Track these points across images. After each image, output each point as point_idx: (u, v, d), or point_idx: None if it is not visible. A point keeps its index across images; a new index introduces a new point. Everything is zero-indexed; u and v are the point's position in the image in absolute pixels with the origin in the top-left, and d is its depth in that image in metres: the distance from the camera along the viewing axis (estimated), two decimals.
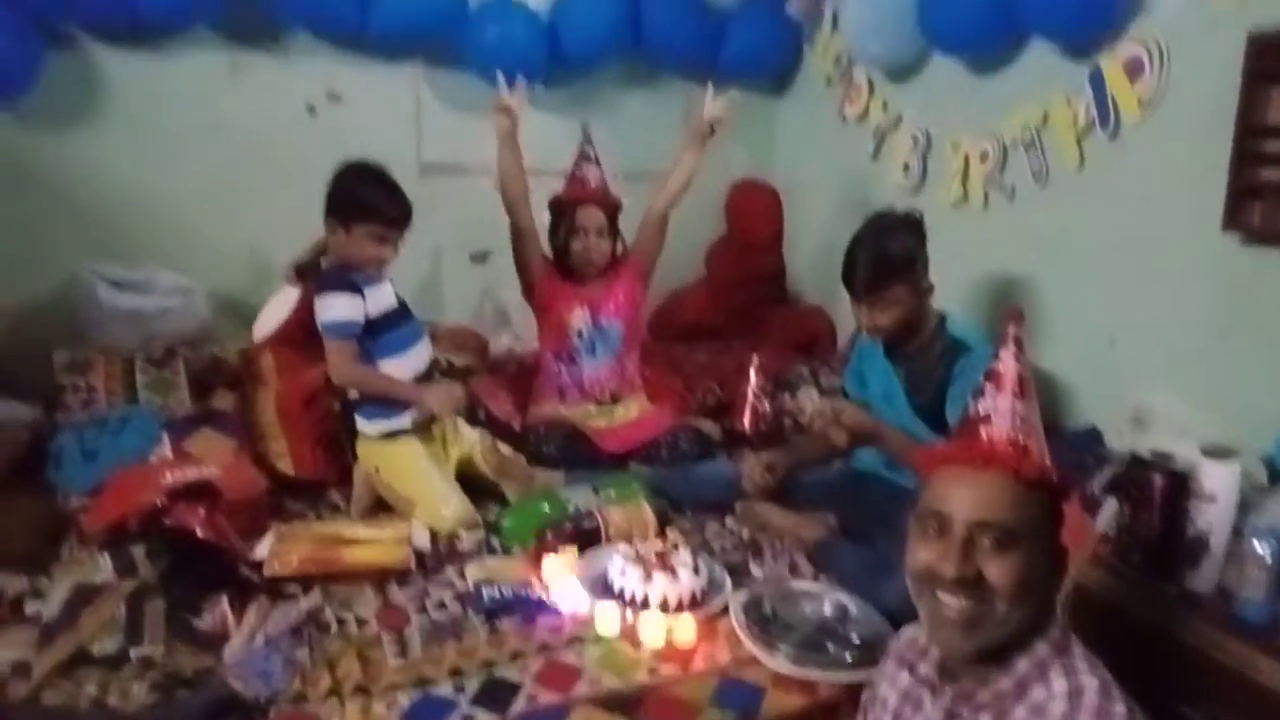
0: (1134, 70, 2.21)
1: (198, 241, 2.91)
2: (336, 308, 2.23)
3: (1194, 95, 2.09)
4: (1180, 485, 1.67)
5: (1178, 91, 2.13)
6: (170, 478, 1.98)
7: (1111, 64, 2.25)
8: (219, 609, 1.71)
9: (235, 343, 2.75)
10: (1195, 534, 1.65)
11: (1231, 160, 1.96)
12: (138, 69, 2.82)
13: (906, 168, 2.94)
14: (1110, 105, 2.27)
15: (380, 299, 2.30)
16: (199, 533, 1.83)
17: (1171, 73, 2.13)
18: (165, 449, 2.24)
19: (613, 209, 2.71)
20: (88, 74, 2.77)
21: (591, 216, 2.66)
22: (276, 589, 1.83)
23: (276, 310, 2.54)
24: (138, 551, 1.78)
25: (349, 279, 2.25)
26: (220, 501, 1.93)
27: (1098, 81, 2.29)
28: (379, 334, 2.28)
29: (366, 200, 2.24)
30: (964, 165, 2.71)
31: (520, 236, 2.69)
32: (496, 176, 2.70)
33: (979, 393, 1.20)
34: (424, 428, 2.32)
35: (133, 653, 1.60)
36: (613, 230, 2.72)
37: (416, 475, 2.23)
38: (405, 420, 2.29)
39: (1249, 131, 1.94)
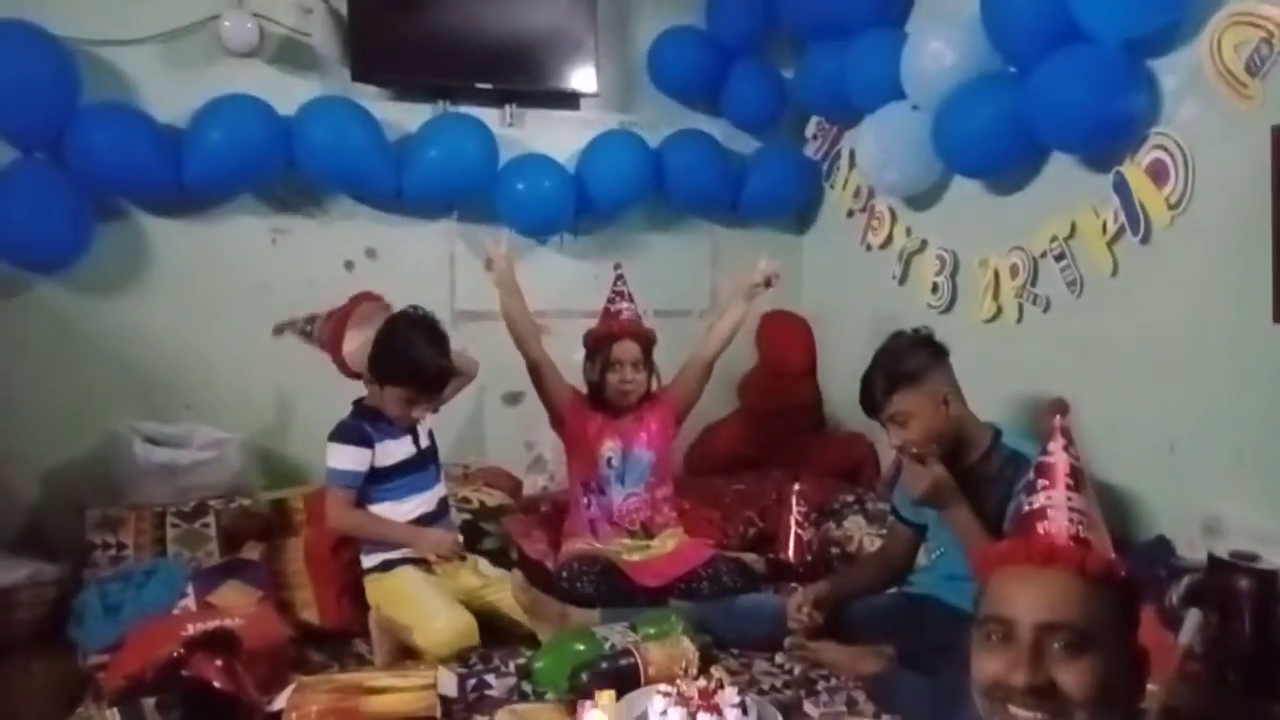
0: (1159, 174, 2.19)
1: (235, 394, 2.96)
2: (342, 458, 2.30)
3: (1223, 192, 2.06)
4: (1270, 587, 1.52)
5: (1206, 190, 2.10)
6: (191, 629, 1.92)
7: (1134, 171, 2.25)
8: None
9: (268, 493, 2.73)
10: None
11: (1274, 254, 1.91)
12: (183, 236, 2.95)
13: (935, 288, 2.92)
14: (1139, 210, 2.24)
15: (393, 451, 2.36)
16: (216, 683, 1.73)
17: (1198, 173, 2.11)
18: (190, 601, 2.19)
19: (647, 342, 2.72)
20: (135, 241, 2.91)
21: (627, 350, 2.67)
22: None
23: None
24: (148, 704, 1.68)
25: (364, 431, 2.32)
26: (240, 651, 1.85)
27: (1123, 188, 2.28)
28: (383, 480, 2.34)
29: (402, 366, 2.30)
30: (994, 280, 2.68)
31: (537, 371, 2.70)
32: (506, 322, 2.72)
33: (1031, 488, 1.13)
34: (424, 565, 2.30)
35: None
36: (648, 363, 2.72)
37: (410, 599, 2.19)
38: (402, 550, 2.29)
39: None
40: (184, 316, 2.94)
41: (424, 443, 2.44)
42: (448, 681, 1.93)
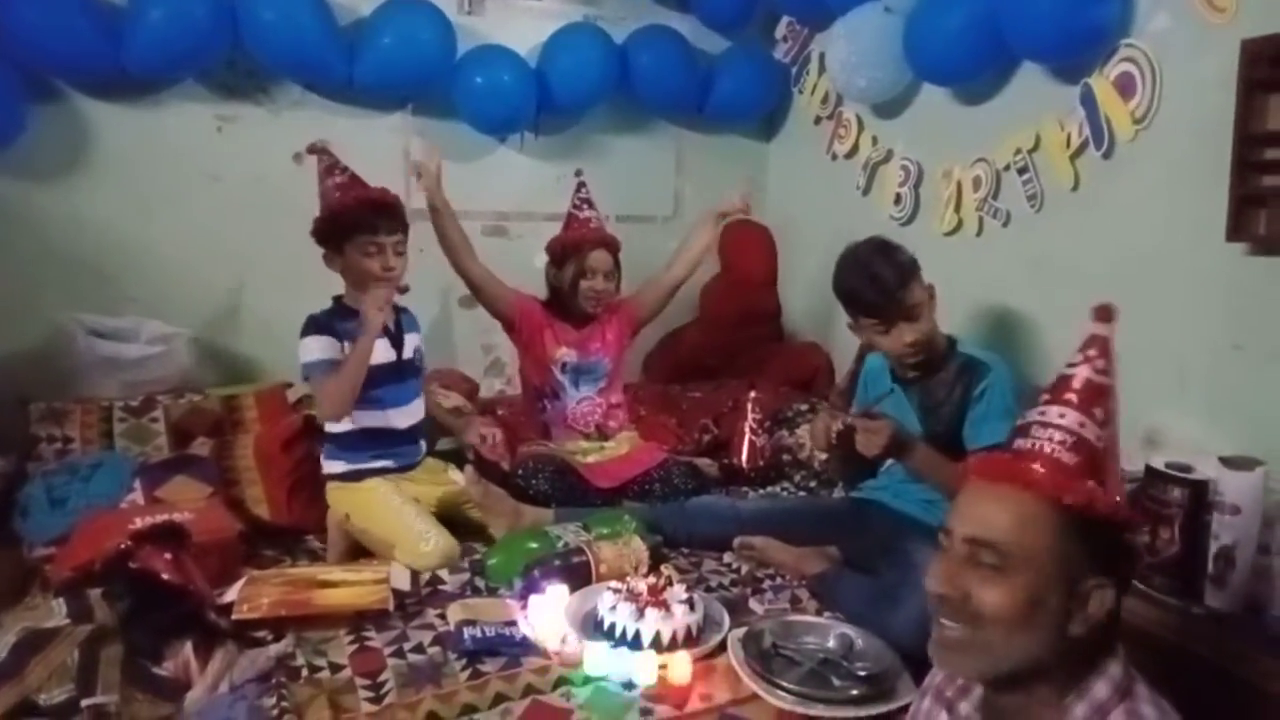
0: (1125, 87, 2.17)
1: (183, 289, 2.87)
2: (311, 349, 2.17)
3: (1188, 108, 2.05)
4: (1200, 498, 1.57)
5: (1171, 105, 2.09)
6: (139, 522, 1.90)
7: (1102, 83, 2.22)
8: (181, 655, 1.60)
9: (219, 390, 2.69)
10: (1219, 549, 1.55)
11: (1232, 169, 1.90)
12: (125, 121, 2.81)
13: (898, 199, 2.91)
14: (1103, 124, 2.23)
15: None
16: (164, 575, 1.72)
17: (1164, 87, 2.10)
18: (137, 495, 2.16)
19: (617, 251, 2.70)
20: (74, 126, 2.76)
21: (602, 260, 2.64)
22: (245, 634, 1.72)
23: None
24: (95, 595, 1.67)
25: (330, 325, 2.19)
26: (189, 544, 1.84)
27: (1089, 101, 2.26)
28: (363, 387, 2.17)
29: (342, 216, 2.19)
30: (956, 193, 2.67)
31: (479, 289, 2.65)
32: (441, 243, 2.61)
33: (1034, 401, 1.11)
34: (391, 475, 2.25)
35: (84, 703, 1.49)
36: (617, 272, 2.70)
37: (390, 515, 2.14)
38: (373, 462, 2.22)
39: (1248, 140, 1.88)
40: (126, 206, 2.82)
41: (406, 354, 2.30)
42: (400, 576, 1.95)
